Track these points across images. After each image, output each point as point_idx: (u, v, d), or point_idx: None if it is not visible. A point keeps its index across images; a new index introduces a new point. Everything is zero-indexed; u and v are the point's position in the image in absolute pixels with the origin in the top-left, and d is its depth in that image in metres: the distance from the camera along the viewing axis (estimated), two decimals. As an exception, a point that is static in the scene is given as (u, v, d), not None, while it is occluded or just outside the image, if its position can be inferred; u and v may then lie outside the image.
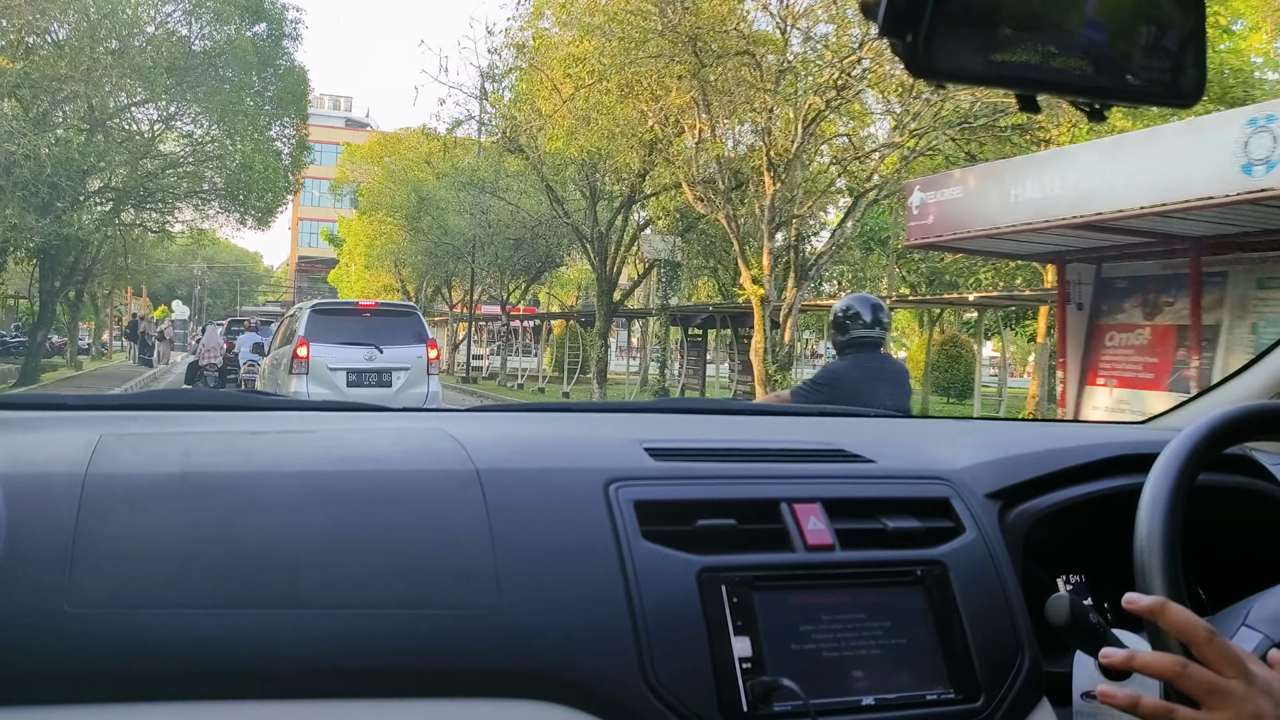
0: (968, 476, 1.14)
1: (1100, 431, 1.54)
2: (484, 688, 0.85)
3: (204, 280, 57.04)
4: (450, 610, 0.86)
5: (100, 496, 0.86)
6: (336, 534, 0.88)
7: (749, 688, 0.89)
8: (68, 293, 25.62)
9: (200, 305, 53.17)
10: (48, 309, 21.32)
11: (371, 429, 1.14)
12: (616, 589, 0.91)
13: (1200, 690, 0.76)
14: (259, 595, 0.83)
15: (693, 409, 1.63)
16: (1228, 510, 1.22)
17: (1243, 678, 0.77)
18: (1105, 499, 1.17)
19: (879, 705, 0.93)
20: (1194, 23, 0.73)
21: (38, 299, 21.97)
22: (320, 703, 0.81)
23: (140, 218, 25.20)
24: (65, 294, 25.53)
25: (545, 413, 1.48)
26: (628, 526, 0.95)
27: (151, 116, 20.91)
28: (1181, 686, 0.77)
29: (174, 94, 19.64)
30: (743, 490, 1.04)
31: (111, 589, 0.80)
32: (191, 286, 56.85)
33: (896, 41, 0.66)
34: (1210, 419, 0.95)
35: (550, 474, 1.01)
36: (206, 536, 0.85)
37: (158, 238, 31.41)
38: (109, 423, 1.09)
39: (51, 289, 21.06)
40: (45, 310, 21.24)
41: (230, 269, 64.61)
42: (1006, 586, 1.04)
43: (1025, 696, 0.99)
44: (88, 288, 29.69)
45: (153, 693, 0.78)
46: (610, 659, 0.87)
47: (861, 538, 1.02)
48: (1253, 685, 0.76)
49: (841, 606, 0.97)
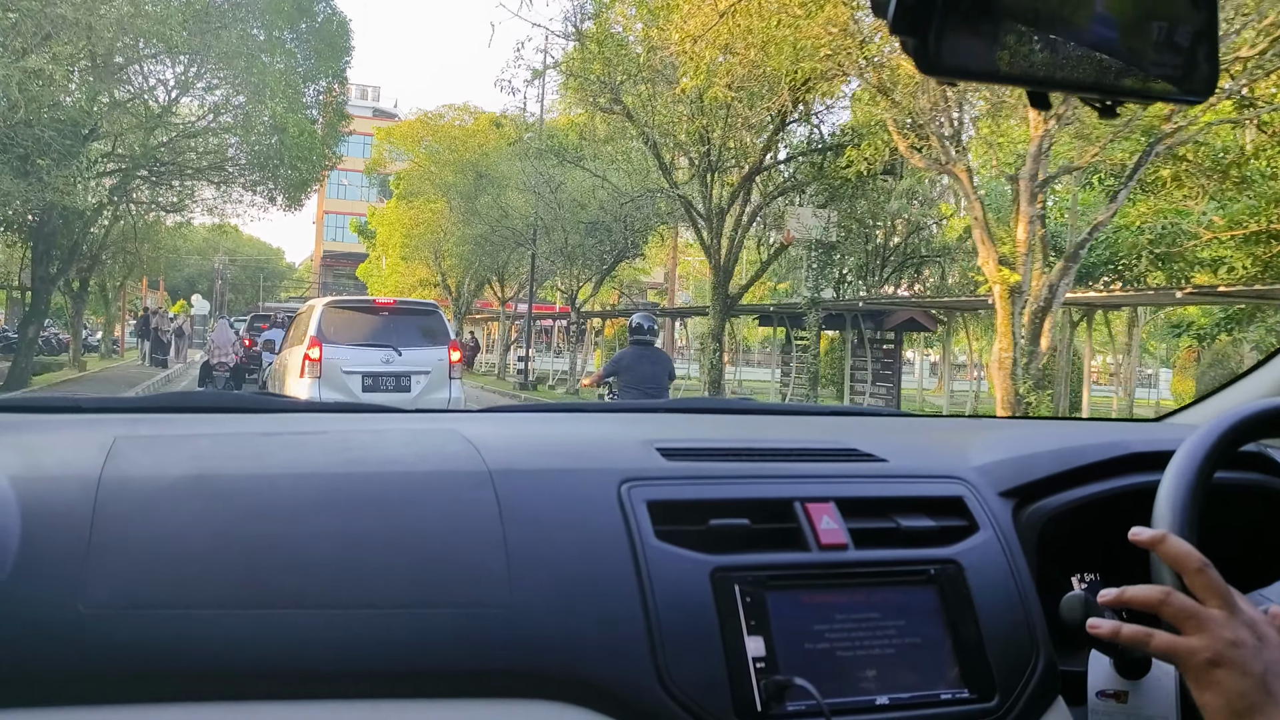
0: (981, 475, 1.14)
1: (1115, 429, 1.53)
2: (497, 688, 0.85)
3: (225, 274, 54.42)
4: (463, 611, 0.86)
5: (114, 499, 0.86)
6: (349, 535, 0.89)
7: (763, 687, 0.89)
8: (70, 281, 22.39)
9: (221, 300, 50.41)
10: (41, 299, 17.85)
11: (384, 430, 1.14)
12: (630, 589, 0.90)
13: (1180, 616, 0.78)
14: (272, 597, 0.83)
15: (705, 409, 1.63)
16: (1243, 508, 1.22)
17: (1227, 609, 0.78)
18: (1120, 497, 1.16)
19: (893, 705, 0.92)
20: (1206, 18, 0.72)
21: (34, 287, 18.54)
22: (334, 703, 0.81)
23: (155, 195, 21.91)
24: (67, 283, 22.32)
25: (557, 413, 1.51)
26: (641, 527, 0.95)
27: (167, 79, 17.57)
28: (1163, 614, 0.79)
29: (193, 50, 16.27)
30: (756, 490, 1.04)
31: (126, 591, 0.80)
32: (212, 281, 54.31)
33: (907, 39, 0.65)
34: (1227, 416, 0.95)
35: (563, 474, 1.01)
36: (220, 539, 0.86)
37: (175, 225, 28.07)
38: (123, 425, 1.10)
39: (46, 275, 17.57)
40: (38, 300, 17.78)
41: (253, 263, 61.96)
42: (1021, 585, 1.04)
43: (1040, 696, 0.98)
44: (95, 277, 26.42)
45: (167, 694, 0.79)
46: (623, 659, 0.87)
47: (875, 537, 1.02)
48: (1235, 617, 0.77)
49: (855, 606, 0.96)
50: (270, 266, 65.83)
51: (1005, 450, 1.21)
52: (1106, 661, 0.94)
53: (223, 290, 52.44)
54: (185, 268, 55.28)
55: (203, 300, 41.58)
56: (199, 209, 24.09)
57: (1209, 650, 0.76)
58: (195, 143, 19.00)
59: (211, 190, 22.22)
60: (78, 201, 15.03)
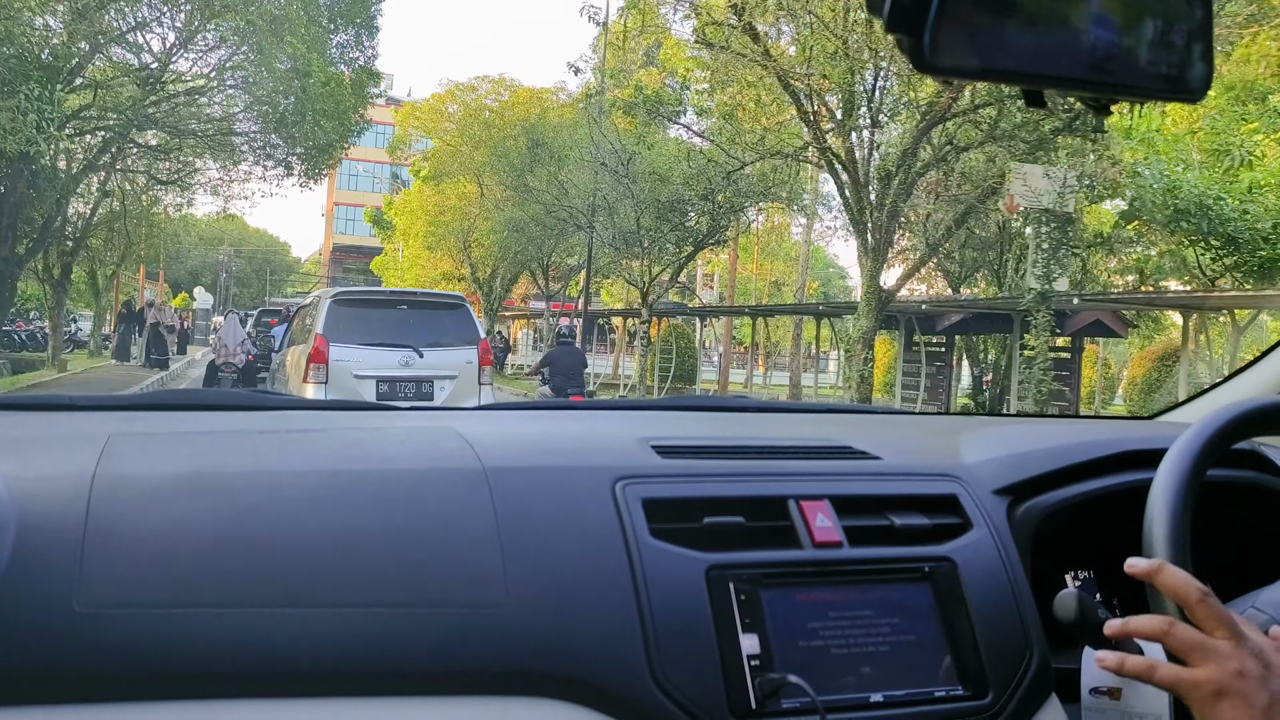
0: (976, 473, 1.14)
1: (1108, 427, 1.56)
2: (492, 686, 0.85)
3: (230, 267, 51.37)
4: (458, 609, 0.86)
5: (109, 497, 0.86)
6: (345, 533, 0.88)
7: (757, 685, 0.89)
8: (49, 267, 19.15)
9: (226, 294, 47.34)
10: (5, 284, 14.48)
11: (380, 428, 1.13)
12: (624, 587, 0.90)
13: (1185, 648, 0.77)
14: (268, 595, 0.83)
15: (699, 406, 1.63)
16: (1236, 505, 1.22)
17: (1232, 638, 0.77)
18: (1114, 495, 1.16)
19: (887, 702, 0.92)
20: (1201, 16, 0.72)
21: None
22: (328, 701, 0.81)
23: (151, 167, 18.62)
24: (47, 268, 19.08)
25: (552, 411, 1.52)
26: (635, 524, 0.95)
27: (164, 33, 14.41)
28: (1168, 645, 0.78)
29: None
30: (750, 487, 1.04)
31: (121, 589, 0.80)
32: (216, 274, 51.35)
33: (902, 37, 0.65)
34: (1220, 414, 0.95)
35: (558, 472, 1.00)
36: (215, 537, 0.85)
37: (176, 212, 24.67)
38: (117, 423, 1.10)
39: (10, 256, 14.23)
40: (2, 286, 14.41)
41: (260, 255, 58.89)
42: (1015, 583, 1.03)
43: (1034, 693, 0.98)
44: (82, 263, 23.08)
45: (162, 692, 0.78)
46: (618, 657, 0.87)
47: (869, 534, 1.02)
48: (1241, 646, 0.77)
49: (849, 603, 0.96)
50: (278, 260, 62.84)
51: (999, 448, 1.21)
52: None
53: (227, 284, 49.56)
54: (188, 260, 52.59)
55: (205, 293, 38.07)
56: (202, 189, 20.99)
57: (1213, 682, 0.75)
58: (197, 108, 15.77)
59: (216, 169, 19.17)
60: (41, 157, 11.71)
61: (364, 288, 12.08)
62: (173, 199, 23.31)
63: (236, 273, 53.71)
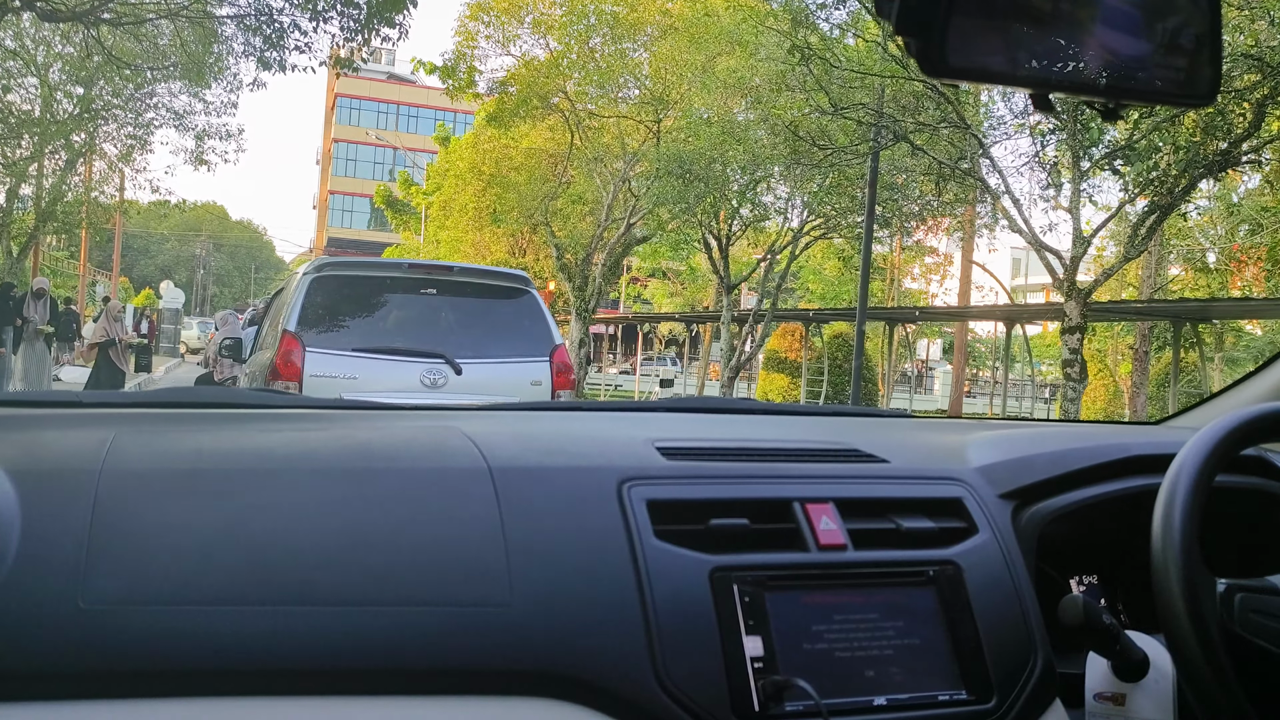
0: (981, 477, 1.14)
1: (1115, 432, 1.53)
2: (496, 685, 0.85)
3: (208, 262, 43.15)
4: (462, 608, 0.86)
5: (114, 495, 0.86)
6: (349, 532, 0.89)
7: (761, 687, 0.89)
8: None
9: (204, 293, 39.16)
10: None
11: (385, 427, 1.13)
12: (629, 588, 0.91)
13: None
14: (272, 593, 0.83)
15: (705, 408, 1.63)
16: (1243, 511, 1.22)
17: None
18: (1119, 500, 1.17)
19: (891, 705, 0.92)
20: (1209, 21, 0.72)
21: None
22: (332, 699, 0.82)
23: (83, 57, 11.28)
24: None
25: (558, 412, 1.50)
26: (640, 525, 0.95)
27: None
28: None
29: None
30: (755, 490, 1.04)
31: (126, 586, 0.80)
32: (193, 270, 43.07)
33: (910, 40, 0.65)
34: (1228, 420, 0.95)
35: (563, 472, 1.00)
36: (220, 534, 0.85)
37: (124, 151, 16.95)
38: (122, 421, 1.10)
39: None
40: None
41: (243, 250, 50.47)
42: (1020, 587, 1.04)
43: (1038, 697, 0.98)
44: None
45: (166, 689, 0.79)
46: (622, 658, 0.87)
47: (874, 538, 1.02)
48: None
49: (854, 606, 0.96)
50: (263, 256, 54.46)
51: (1005, 452, 1.21)
52: (1104, 664, 0.98)
53: (204, 281, 41.14)
54: (159, 254, 43.80)
55: (175, 289, 29.56)
56: (166, 112, 13.38)
57: None
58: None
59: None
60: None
61: (362, 258, 7.26)
62: (123, 131, 15.28)
63: (216, 269, 45.33)
